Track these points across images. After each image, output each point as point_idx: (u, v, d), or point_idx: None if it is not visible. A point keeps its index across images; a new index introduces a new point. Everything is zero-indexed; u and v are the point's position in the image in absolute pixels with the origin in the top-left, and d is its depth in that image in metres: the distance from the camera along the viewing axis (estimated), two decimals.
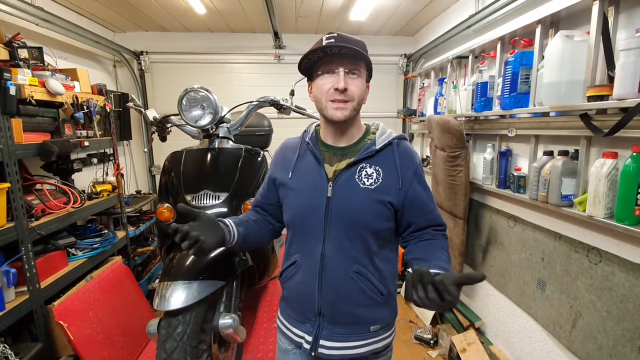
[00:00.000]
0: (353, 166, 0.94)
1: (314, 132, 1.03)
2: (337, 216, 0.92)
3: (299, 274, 0.98)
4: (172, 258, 1.42)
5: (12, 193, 1.52)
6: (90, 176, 2.48)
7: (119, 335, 1.95)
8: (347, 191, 0.93)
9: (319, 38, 0.91)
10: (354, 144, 0.98)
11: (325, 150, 0.99)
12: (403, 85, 3.66)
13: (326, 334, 0.95)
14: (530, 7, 1.78)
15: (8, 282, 1.47)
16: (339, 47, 0.86)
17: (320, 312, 0.95)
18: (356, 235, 0.93)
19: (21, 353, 1.47)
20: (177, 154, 1.70)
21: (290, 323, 1.02)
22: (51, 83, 1.75)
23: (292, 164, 0.99)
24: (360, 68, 0.92)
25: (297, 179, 0.98)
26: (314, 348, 0.96)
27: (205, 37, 3.43)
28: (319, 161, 0.96)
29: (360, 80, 0.92)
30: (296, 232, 0.99)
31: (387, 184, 0.93)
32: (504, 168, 1.91)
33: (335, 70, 0.90)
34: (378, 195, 0.92)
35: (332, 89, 0.89)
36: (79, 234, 2.12)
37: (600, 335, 1.35)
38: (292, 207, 0.98)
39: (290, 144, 1.06)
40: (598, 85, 1.29)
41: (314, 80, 0.94)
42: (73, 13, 2.64)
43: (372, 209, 0.92)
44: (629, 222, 1.17)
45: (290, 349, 1.04)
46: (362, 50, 0.88)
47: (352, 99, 0.91)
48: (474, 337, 2.11)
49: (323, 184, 0.94)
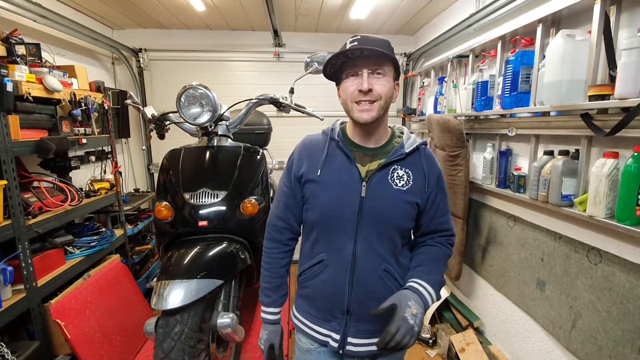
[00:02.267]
0: (385, 167, 0.96)
1: (340, 130, 1.03)
2: (370, 215, 0.94)
3: (326, 272, 0.98)
4: (170, 257, 1.41)
5: (9, 190, 1.51)
6: (88, 174, 2.46)
7: (116, 334, 1.95)
8: (380, 191, 0.94)
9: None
10: (383, 146, 1.00)
11: (355, 149, 0.99)
12: (403, 84, 3.65)
13: (353, 331, 0.98)
14: (531, 6, 1.77)
15: (5, 280, 1.46)
16: (361, 49, 0.87)
17: (349, 310, 0.97)
18: (386, 235, 0.95)
19: (18, 351, 1.45)
20: (176, 151, 1.68)
21: (313, 322, 1.02)
22: (49, 80, 1.74)
23: (321, 160, 0.98)
24: (385, 67, 0.92)
25: (327, 177, 0.97)
26: (342, 346, 0.98)
27: (205, 34, 3.41)
28: (351, 160, 0.97)
29: (386, 79, 0.92)
30: (324, 230, 0.98)
31: (416, 186, 0.97)
32: (504, 168, 1.90)
33: (359, 72, 0.90)
34: (408, 197, 0.96)
35: (357, 90, 0.90)
36: (77, 232, 2.10)
37: (600, 335, 1.35)
38: (322, 204, 0.97)
39: (315, 140, 1.04)
40: (599, 84, 1.28)
41: (341, 84, 0.95)
42: (71, 9, 2.62)
43: (403, 209, 0.96)
44: (630, 222, 1.16)
45: (313, 348, 1.04)
46: (385, 50, 0.88)
47: (378, 98, 0.91)
48: (472, 336, 2.11)
49: (356, 183, 0.95)
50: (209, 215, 1.51)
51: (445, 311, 2.47)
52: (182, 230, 1.52)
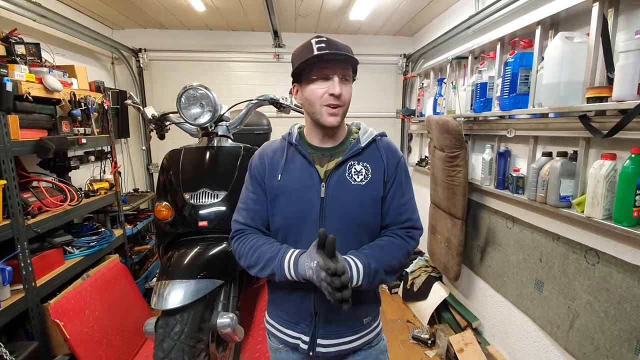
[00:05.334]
0: (342, 165, 0.96)
1: (298, 134, 1.03)
2: (332, 215, 0.93)
3: None
4: (170, 257, 1.42)
5: (8, 190, 1.51)
6: (88, 174, 2.46)
7: (115, 334, 1.94)
8: (340, 190, 0.94)
9: (308, 40, 0.92)
10: (340, 144, 1.00)
11: (313, 151, 0.99)
12: (402, 85, 3.66)
13: (322, 332, 0.97)
14: (530, 8, 1.78)
15: (4, 280, 1.46)
16: (335, 54, 0.88)
17: (316, 311, 0.96)
18: (351, 233, 0.95)
19: (16, 352, 1.45)
20: (176, 152, 1.69)
21: (283, 325, 1.02)
22: (48, 80, 1.74)
23: (280, 166, 0.98)
24: (350, 73, 0.94)
25: (287, 181, 0.96)
26: (312, 348, 0.97)
27: (204, 35, 3.41)
28: (310, 162, 0.96)
29: (350, 85, 0.95)
30: (289, 235, 0.97)
31: (376, 178, 0.96)
32: (503, 169, 1.91)
33: (330, 76, 0.91)
34: (369, 191, 0.95)
35: (327, 94, 0.91)
36: (76, 232, 2.10)
37: (598, 335, 1.36)
38: (285, 210, 0.96)
39: (273, 146, 1.03)
40: (597, 86, 1.29)
41: (307, 85, 0.93)
42: (71, 9, 2.62)
43: (365, 205, 0.95)
44: (627, 223, 1.17)
45: (281, 347, 1.04)
46: (353, 56, 0.91)
47: (344, 104, 0.93)
48: (471, 337, 2.12)
49: (315, 184, 0.94)
50: (209, 216, 1.51)
51: (443, 312, 2.47)
52: (182, 230, 1.53)
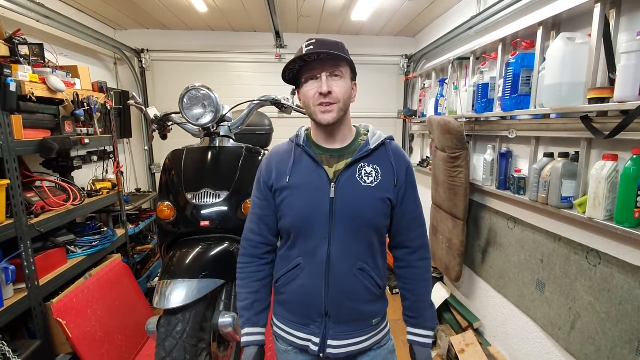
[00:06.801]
0: (352, 166, 0.96)
1: (305, 135, 1.03)
2: (342, 215, 0.93)
3: (301, 277, 0.98)
4: (172, 256, 1.42)
5: (12, 190, 1.52)
6: (90, 174, 2.47)
7: (117, 333, 1.95)
8: (350, 190, 0.94)
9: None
10: (348, 146, 1.00)
11: (321, 152, 0.99)
12: (404, 85, 3.66)
13: (333, 333, 0.97)
14: (532, 9, 1.78)
15: (7, 279, 1.47)
16: (317, 53, 0.88)
17: (327, 312, 0.97)
18: (360, 234, 0.95)
19: (19, 350, 1.46)
20: (178, 152, 1.69)
21: (291, 327, 1.02)
22: (52, 80, 1.75)
23: (288, 168, 0.98)
24: (342, 69, 0.93)
25: (296, 182, 0.97)
26: (322, 349, 0.97)
27: (207, 35, 3.42)
28: (318, 163, 0.97)
29: (344, 81, 0.93)
30: (299, 235, 0.97)
31: (386, 181, 0.97)
32: (504, 169, 1.91)
33: (317, 75, 0.91)
34: (379, 193, 0.95)
35: (317, 93, 0.91)
36: (79, 231, 2.11)
37: (599, 337, 1.35)
38: (294, 210, 0.97)
39: (282, 150, 1.04)
40: (599, 87, 1.29)
41: (302, 87, 0.95)
42: (74, 10, 2.63)
43: (375, 206, 0.95)
44: (629, 224, 1.17)
45: (290, 349, 1.04)
46: (340, 53, 0.90)
47: (337, 101, 0.92)
48: (472, 338, 2.12)
49: (324, 184, 0.95)
50: (211, 216, 1.52)
51: (445, 312, 2.47)
52: (184, 230, 1.53)
